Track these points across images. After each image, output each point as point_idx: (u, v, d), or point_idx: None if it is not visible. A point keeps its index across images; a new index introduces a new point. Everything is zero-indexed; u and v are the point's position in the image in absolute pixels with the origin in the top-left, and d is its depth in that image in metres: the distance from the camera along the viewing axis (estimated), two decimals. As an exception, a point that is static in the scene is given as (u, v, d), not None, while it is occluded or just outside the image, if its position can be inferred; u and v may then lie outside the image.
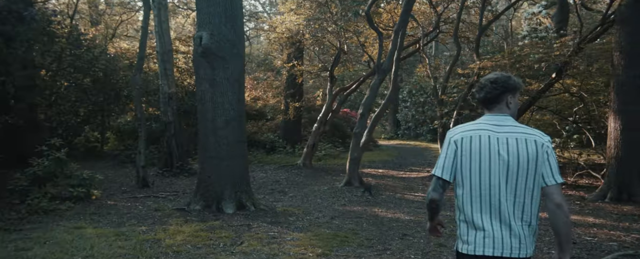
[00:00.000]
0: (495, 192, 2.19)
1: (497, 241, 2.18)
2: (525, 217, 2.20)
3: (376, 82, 10.68)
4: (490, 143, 2.23)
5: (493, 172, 2.20)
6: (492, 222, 2.20)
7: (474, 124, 2.32)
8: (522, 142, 2.21)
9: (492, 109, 2.34)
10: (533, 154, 2.19)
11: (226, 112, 7.15)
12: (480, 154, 2.22)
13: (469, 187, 2.24)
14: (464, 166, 2.25)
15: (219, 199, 7.17)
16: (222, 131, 7.14)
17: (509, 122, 2.29)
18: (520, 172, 2.18)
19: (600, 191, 8.62)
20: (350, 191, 10.25)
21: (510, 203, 2.19)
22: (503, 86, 2.31)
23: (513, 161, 2.18)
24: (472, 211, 2.24)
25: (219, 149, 7.15)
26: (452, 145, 2.30)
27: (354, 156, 10.88)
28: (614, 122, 8.54)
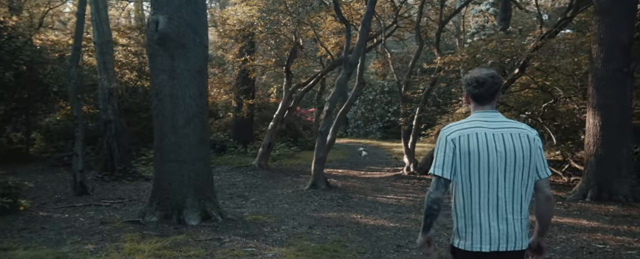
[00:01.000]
0: (494, 188, 2.23)
1: (494, 237, 2.23)
2: (522, 211, 2.27)
3: (343, 77, 10.09)
4: (487, 140, 2.25)
5: (492, 169, 2.22)
6: (490, 218, 2.23)
7: (468, 122, 2.33)
8: (516, 137, 2.27)
9: (485, 105, 2.36)
10: (527, 149, 2.25)
11: (187, 108, 6.29)
12: (478, 151, 2.23)
13: (469, 184, 2.25)
14: (463, 163, 2.25)
15: (180, 208, 6.30)
16: (183, 130, 6.27)
17: (499, 117, 2.34)
18: (517, 167, 2.23)
19: (580, 189, 8.45)
20: (317, 194, 9.60)
21: (508, 198, 2.24)
22: (499, 82, 2.37)
23: (510, 157, 2.23)
24: (472, 208, 2.26)
25: (180, 150, 6.27)
26: (450, 143, 2.28)
27: (319, 156, 10.24)
28: (592, 118, 8.39)
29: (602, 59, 8.22)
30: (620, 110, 8.16)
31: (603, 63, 8.21)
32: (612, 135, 8.18)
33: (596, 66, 8.31)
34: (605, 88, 8.22)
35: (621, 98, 8.13)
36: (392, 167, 15.35)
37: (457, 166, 2.27)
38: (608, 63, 8.15)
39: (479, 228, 2.25)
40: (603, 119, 8.23)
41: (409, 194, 9.81)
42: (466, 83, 2.40)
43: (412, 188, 10.77)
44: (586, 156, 8.53)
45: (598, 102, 8.30)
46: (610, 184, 8.17)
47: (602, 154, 8.25)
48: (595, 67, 8.35)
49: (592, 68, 8.42)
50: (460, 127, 2.32)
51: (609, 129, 8.19)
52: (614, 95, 8.15)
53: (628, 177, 8.08)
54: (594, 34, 8.35)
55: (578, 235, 5.72)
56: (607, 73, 8.16)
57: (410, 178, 12.33)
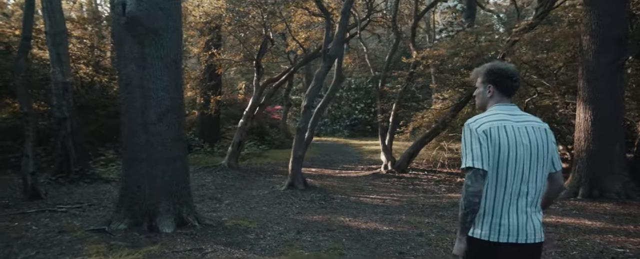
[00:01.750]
0: (518, 180, 2.26)
1: (514, 228, 2.25)
2: (539, 203, 2.33)
3: (322, 70, 9.59)
4: (515, 133, 2.27)
5: (519, 161, 2.25)
6: (510, 209, 2.26)
7: (494, 115, 2.33)
8: (537, 130, 2.32)
9: (506, 98, 2.40)
10: (546, 142, 2.32)
11: (160, 101, 5.65)
12: (508, 144, 2.25)
13: (495, 177, 2.26)
14: (493, 155, 2.25)
15: (152, 214, 5.66)
16: (156, 127, 5.63)
17: (519, 111, 2.38)
18: (540, 159, 2.29)
19: (571, 187, 8.25)
20: (295, 195, 9.09)
21: (531, 190, 2.28)
22: (517, 80, 2.42)
23: (534, 150, 2.28)
24: (495, 199, 2.27)
25: (152, 149, 5.63)
26: (482, 135, 2.26)
27: (297, 154, 9.71)
28: (583, 113, 8.20)
29: (593, 51, 8.03)
30: (612, 104, 7.99)
31: (595, 55, 8.02)
32: (604, 130, 8.01)
33: (587, 58, 8.13)
34: (597, 81, 8.03)
35: (613, 92, 7.97)
36: (366, 165, 14.98)
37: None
38: (600, 55, 7.97)
39: (500, 219, 2.26)
40: (594, 113, 8.05)
41: (392, 194, 9.42)
42: (500, 76, 2.39)
43: (393, 187, 10.40)
44: (577, 151, 8.34)
45: (589, 96, 8.11)
46: (602, 181, 8.00)
47: (593, 150, 8.06)
48: (586, 59, 8.16)
49: (583, 60, 8.23)
50: (489, 120, 2.30)
51: (601, 124, 8.02)
52: (606, 88, 7.98)
53: (620, 174, 7.92)
54: (585, 25, 8.16)
55: (589, 238, 5.41)
56: (599, 66, 7.98)
57: (388, 177, 11.97)
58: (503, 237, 2.25)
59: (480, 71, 2.49)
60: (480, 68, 2.51)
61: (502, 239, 2.25)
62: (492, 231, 2.26)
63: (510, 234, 2.25)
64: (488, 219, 2.27)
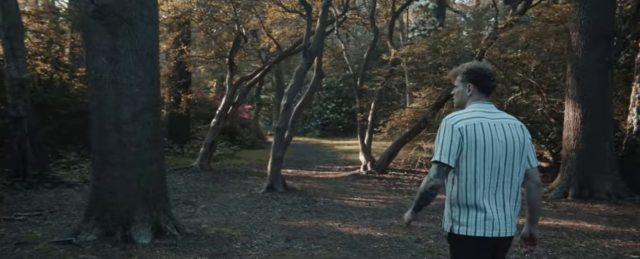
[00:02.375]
0: (495, 176, 2.35)
1: (495, 223, 2.34)
2: (517, 198, 2.43)
3: (303, 67, 9.21)
4: (490, 130, 2.36)
5: (495, 157, 2.34)
6: (490, 204, 2.35)
7: (471, 112, 2.42)
8: (513, 127, 2.42)
9: (485, 97, 2.49)
10: (522, 139, 2.41)
11: (135, 98, 5.17)
12: (484, 140, 2.34)
13: (474, 172, 2.34)
14: (469, 152, 2.34)
15: (126, 223, 5.17)
16: (130, 126, 5.15)
17: (495, 109, 2.47)
18: (516, 156, 2.38)
19: (560, 187, 8.13)
20: (276, 198, 8.69)
21: (507, 186, 2.38)
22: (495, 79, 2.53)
23: (510, 146, 2.37)
24: (475, 195, 2.35)
25: (125, 151, 5.14)
26: (456, 132, 2.35)
27: (277, 155, 9.31)
28: (572, 111, 8.10)
29: (583, 47, 7.93)
30: (601, 102, 7.92)
31: (584, 52, 7.93)
32: (594, 128, 7.92)
33: (576, 54, 8.02)
34: (586, 78, 7.94)
35: (603, 89, 7.90)
36: (342, 166, 14.71)
37: (463, 155, 2.35)
38: (589, 52, 7.88)
39: (483, 214, 2.35)
40: (584, 111, 7.95)
41: (377, 196, 9.13)
42: (479, 75, 2.50)
43: (376, 189, 10.11)
44: (566, 151, 8.23)
45: (578, 93, 8.01)
46: (592, 181, 7.91)
47: (583, 149, 7.97)
48: (575, 56, 8.05)
49: (572, 57, 8.12)
50: (465, 117, 2.39)
51: (591, 122, 7.93)
52: (595, 86, 7.89)
53: (610, 173, 7.84)
54: (574, 21, 8.06)
55: (596, 242, 5.20)
56: (588, 62, 7.89)
57: (369, 178, 11.69)
58: (488, 231, 2.35)
59: (459, 70, 2.59)
60: (459, 67, 2.60)
61: (487, 233, 2.35)
62: (478, 227, 2.36)
63: (493, 228, 2.36)
64: (473, 214, 2.37)
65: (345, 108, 28.77)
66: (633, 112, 8.17)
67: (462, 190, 2.38)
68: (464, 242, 2.39)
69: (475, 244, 2.37)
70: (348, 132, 28.62)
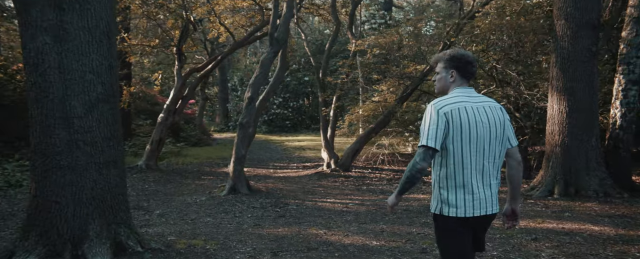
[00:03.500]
0: (480, 157, 2.52)
1: (482, 202, 2.53)
2: (498, 176, 2.62)
3: (269, 57, 8.47)
4: (474, 113, 2.52)
5: (479, 139, 2.50)
6: (478, 184, 2.53)
7: (454, 97, 2.57)
8: (493, 110, 2.59)
9: (466, 82, 2.66)
10: (502, 120, 2.60)
11: (88, 87, 4.29)
12: (469, 123, 2.49)
13: (461, 154, 2.49)
14: (456, 135, 2.48)
15: (77, 240, 4.29)
16: (83, 121, 4.26)
17: (475, 93, 2.63)
18: (498, 137, 2.56)
19: (545, 185, 7.85)
20: (241, 201, 7.94)
21: (490, 165, 2.56)
22: (475, 64, 2.68)
23: (492, 128, 2.54)
24: (463, 176, 2.51)
25: (76, 152, 4.25)
26: (442, 117, 2.48)
27: (240, 153, 8.54)
28: (557, 104, 7.83)
29: (569, 36, 7.67)
30: (588, 94, 7.69)
31: (570, 41, 7.66)
32: (580, 122, 7.69)
33: (562, 44, 7.75)
34: (572, 69, 7.68)
35: (589, 81, 7.67)
36: (299, 163, 14.06)
37: (450, 138, 2.48)
38: (575, 41, 7.63)
39: (471, 195, 2.50)
40: (570, 104, 7.70)
41: (349, 197, 8.56)
42: (461, 61, 2.63)
43: (346, 189, 9.54)
44: (550, 146, 7.96)
45: (564, 85, 7.75)
46: (578, 178, 7.68)
47: (569, 144, 7.72)
48: (560, 45, 7.78)
49: (557, 47, 7.85)
50: (450, 102, 2.52)
51: (577, 115, 7.69)
52: (582, 77, 7.66)
53: (597, 169, 7.63)
54: (559, 9, 7.78)
55: (623, 249, 4.73)
56: (575, 52, 7.64)
57: (334, 176, 11.11)
58: (477, 211, 2.51)
59: (441, 57, 2.70)
60: (441, 54, 2.71)
61: (475, 213, 2.51)
62: (467, 208, 2.50)
63: (480, 207, 2.52)
64: (461, 196, 2.51)
65: (292, 103, 28.16)
66: (616, 105, 8.02)
67: (451, 172, 2.52)
68: (451, 222, 2.52)
69: (461, 224, 2.52)
70: (296, 127, 28.02)
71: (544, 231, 5.46)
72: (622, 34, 8.04)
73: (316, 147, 18.78)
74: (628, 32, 7.88)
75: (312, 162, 14.22)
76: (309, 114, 28.61)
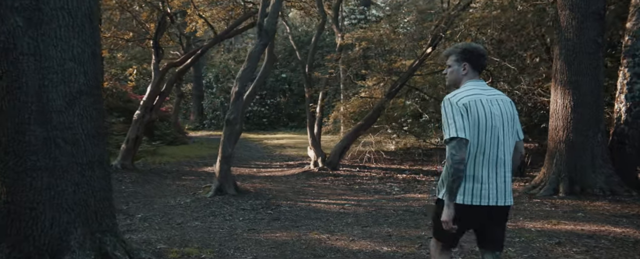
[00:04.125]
0: (495, 148, 2.59)
1: (493, 192, 2.59)
2: (511, 167, 2.68)
3: (258, 49, 8.02)
4: (489, 105, 2.61)
5: (494, 131, 2.59)
6: (490, 175, 2.59)
7: (469, 90, 2.66)
8: (505, 103, 2.69)
9: (477, 75, 2.75)
10: (513, 113, 2.70)
11: (70, 78, 3.80)
12: (485, 115, 2.57)
13: (477, 145, 2.56)
14: (473, 127, 2.55)
15: (56, 251, 3.79)
16: (63, 116, 3.77)
17: (487, 86, 2.73)
18: (510, 129, 2.66)
19: (549, 183, 7.61)
20: (229, 203, 7.50)
21: (507, 156, 2.64)
22: (485, 56, 2.79)
23: (505, 120, 2.63)
24: (478, 167, 2.58)
25: (55, 151, 3.76)
26: (462, 108, 2.56)
27: (227, 152, 8.09)
28: (561, 98, 7.60)
29: (574, 27, 7.44)
30: (594, 87, 7.48)
31: (575, 32, 7.44)
32: (585, 117, 7.47)
33: (567, 36, 7.52)
34: (577, 62, 7.46)
35: (595, 74, 7.46)
36: (283, 162, 13.66)
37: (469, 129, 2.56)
38: (581, 32, 7.40)
39: (479, 185, 2.58)
40: (575, 98, 7.47)
41: (343, 197, 8.19)
42: (474, 54, 2.74)
43: (338, 189, 9.17)
44: (554, 143, 7.72)
45: (569, 78, 7.52)
46: (583, 176, 7.45)
47: (574, 140, 7.49)
48: (565, 37, 7.55)
49: (561, 39, 7.62)
50: (466, 94, 2.62)
51: (582, 110, 7.46)
52: (587, 70, 7.44)
53: (603, 166, 7.42)
54: (564, -1, 7.54)
55: None
56: (581, 44, 7.41)
57: (323, 175, 10.72)
58: (485, 200, 2.57)
59: (454, 50, 2.79)
60: (452, 48, 2.81)
61: (484, 202, 2.56)
62: (474, 196, 2.56)
63: (491, 197, 2.57)
64: (470, 185, 2.57)
65: (269, 100, 27.72)
66: (621, 99, 7.84)
67: (467, 163, 2.56)
68: (464, 211, 2.57)
69: (470, 211, 2.58)
70: (273, 125, 27.56)
71: (565, 234, 5.17)
72: (626, 24, 7.86)
73: (297, 145, 18.41)
74: (633, 23, 7.70)
75: (295, 160, 13.83)
76: (286, 112, 28.21)
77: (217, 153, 16.18)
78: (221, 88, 27.49)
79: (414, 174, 10.67)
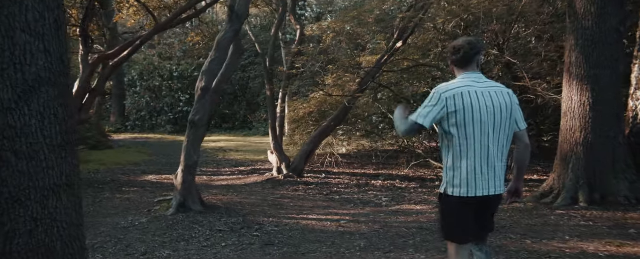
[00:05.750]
0: (485, 140, 2.76)
1: (485, 183, 2.79)
2: (504, 159, 2.86)
3: (229, 35, 6.89)
4: (478, 97, 2.76)
5: (484, 123, 2.75)
6: (482, 166, 2.78)
7: (459, 82, 2.85)
8: (500, 94, 2.83)
9: (466, 68, 2.89)
10: (509, 104, 2.83)
11: (23, 57, 2.60)
12: (472, 107, 2.74)
13: (465, 138, 2.76)
14: (459, 120, 2.75)
15: None
16: (11, 117, 2.57)
17: (483, 78, 2.89)
18: (503, 120, 2.80)
19: (567, 191, 7.02)
20: (197, 223, 6.37)
21: (495, 148, 2.79)
22: (477, 48, 2.89)
23: (497, 111, 2.78)
24: (468, 160, 2.78)
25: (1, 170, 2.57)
26: (442, 101, 2.77)
27: (191, 160, 6.93)
28: (578, 95, 7.05)
29: (593, 14, 6.90)
30: (614, 82, 6.99)
31: (594, 20, 6.91)
32: (606, 116, 6.96)
33: (585, 24, 6.98)
34: (596, 54, 6.94)
35: (615, 67, 6.97)
36: (231, 168, 12.54)
37: (452, 122, 2.77)
38: (601, 20, 6.88)
39: (474, 176, 2.78)
40: (594, 94, 6.95)
41: (334, 211, 7.26)
42: (454, 51, 2.93)
43: (319, 200, 8.20)
44: (569, 145, 7.16)
45: (587, 72, 6.98)
46: (604, 182, 6.94)
47: (593, 142, 6.96)
48: (582, 26, 7.01)
49: (578, 28, 7.07)
50: (453, 87, 2.82)
51: (601, 108, 6.94)
52: (608, 62, 6.93)
53: (627, 171, 6.94)
54: (580, -17, 7.00)
55: None
56: (601, 34, 6.89)
57: (291, 184, 9.71)
58: (478, 191, 2.79)
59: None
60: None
61: (478, 193, 2.79)
62: (470, 188, 2.79)
63: (483, 188, 2.80)
64: (464, 177, 2.79)
65: (201, 100, 26.22)
66: (637, 96, 7.42)
67: (456, 155, 2.80)
68: (453, 201, 2.84)
69: (463, 203, 2.82)
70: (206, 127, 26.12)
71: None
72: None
73: (239, 148, 17.35)
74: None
75: (246, 166, 12.77)
76: (218, 113, 26.94)
77: (151, 159, 14.90)
78: (146, 87, 25.74)
79: (390, 181, 9.93)
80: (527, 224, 5.94)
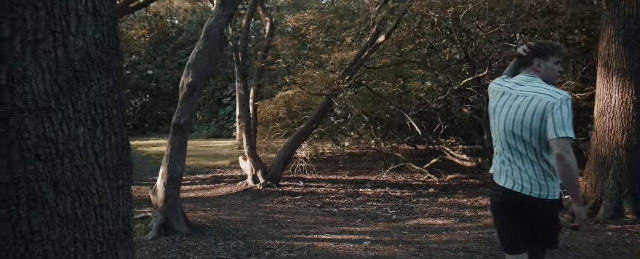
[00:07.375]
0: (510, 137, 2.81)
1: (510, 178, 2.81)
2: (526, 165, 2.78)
3: (221, 21, 5.94)
4: (506, 99, 2.87)
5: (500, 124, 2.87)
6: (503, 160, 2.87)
7: (506, 81, 2.99)
8: (530, 99, 2.77)
9: (523, 69, 2.96)
10: (540, 112, 2.71)
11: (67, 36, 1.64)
12: (495, 108, 2.93)
13: (495, 130, 2.93)
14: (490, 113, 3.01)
15: None
16: (48, 120, 1.63)
17: (533, 82, 2.84)
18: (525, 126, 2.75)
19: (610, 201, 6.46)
20: (186, 248, 5.45)
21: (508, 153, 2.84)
22: (534, 51, 2.92)
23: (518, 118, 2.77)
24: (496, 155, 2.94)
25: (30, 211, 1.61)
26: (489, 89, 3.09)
27: (176, 172, 5.92)
28: (619, 93, 6.59)
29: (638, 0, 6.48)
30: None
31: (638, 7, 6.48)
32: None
33: (628, 11, 6.54)
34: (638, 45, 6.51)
35: (660, 60, 6.56)
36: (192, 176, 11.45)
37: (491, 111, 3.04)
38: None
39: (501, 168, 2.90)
40: (638, 91, 6.51)
41: (342, 228, 6.46)
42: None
43: (318, 215, 7.38)
44: (607, 148, 6.70)
45: (630, 66, 6.54)
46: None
47: (638, 146, 6.54)
48: (625, 13, 6.56)
49: (618, 15, 6.62)
50: (498, 83, 3.03)
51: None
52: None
53: (675, 177, 6.56)
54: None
55: None
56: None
57: (274, 194, 8.84)
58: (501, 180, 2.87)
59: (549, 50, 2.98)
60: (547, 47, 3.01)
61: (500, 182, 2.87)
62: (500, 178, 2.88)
63: (507, 181, 2.83)
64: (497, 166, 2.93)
65: (133, 101, 24.88)
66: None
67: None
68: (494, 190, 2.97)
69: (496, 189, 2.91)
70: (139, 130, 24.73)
71: None
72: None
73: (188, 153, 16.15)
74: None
75: (204, 173, 11.80)
76: (153, 114, 25.50)
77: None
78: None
79: (380, 189, 9.29)
80: (589, 243, 5.38)
